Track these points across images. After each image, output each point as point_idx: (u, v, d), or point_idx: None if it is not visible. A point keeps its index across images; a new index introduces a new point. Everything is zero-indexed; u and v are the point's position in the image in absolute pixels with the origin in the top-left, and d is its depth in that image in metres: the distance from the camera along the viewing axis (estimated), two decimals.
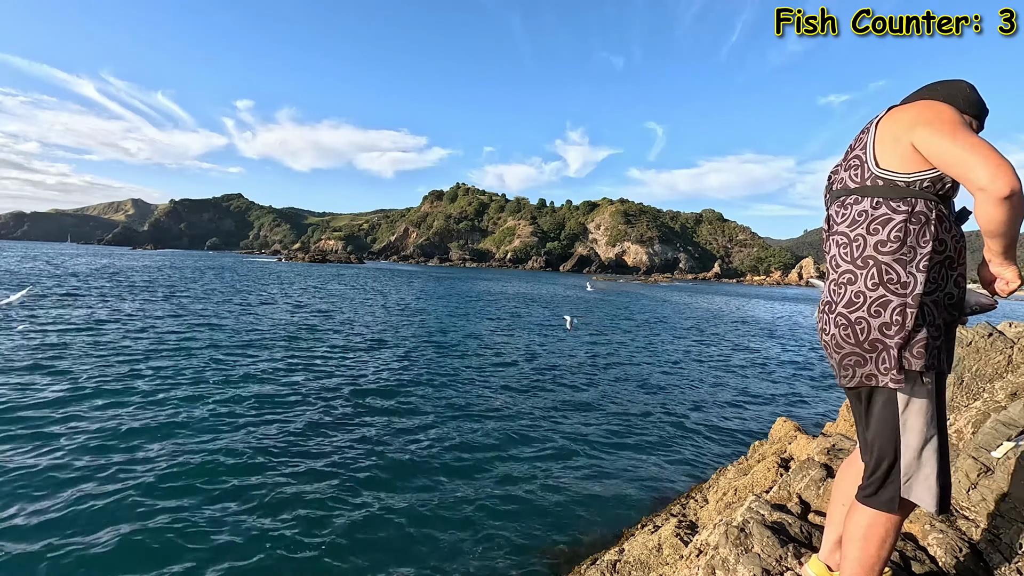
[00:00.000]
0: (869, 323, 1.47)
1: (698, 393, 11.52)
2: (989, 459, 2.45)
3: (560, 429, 8.39)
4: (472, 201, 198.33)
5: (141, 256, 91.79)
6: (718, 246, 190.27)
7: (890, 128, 1.48)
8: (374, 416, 8.40)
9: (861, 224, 1.50)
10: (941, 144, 1.33)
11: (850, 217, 1.54)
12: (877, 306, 1.46)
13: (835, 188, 1.64)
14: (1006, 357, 3.90)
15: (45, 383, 8.78)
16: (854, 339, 1.51)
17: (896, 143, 1.45)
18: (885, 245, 1.45)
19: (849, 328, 1.51)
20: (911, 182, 1.43)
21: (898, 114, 1.49)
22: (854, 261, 1.50)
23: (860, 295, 1.48)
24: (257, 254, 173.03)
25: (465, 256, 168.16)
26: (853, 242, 1.51)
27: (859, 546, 1.59)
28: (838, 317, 1.55)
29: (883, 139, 1.49)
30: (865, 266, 1.47)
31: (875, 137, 1.51)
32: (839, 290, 1.55)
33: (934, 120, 1.37)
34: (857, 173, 1.54)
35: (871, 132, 1.54)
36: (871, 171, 1.50)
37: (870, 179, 1.50)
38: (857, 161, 1.56)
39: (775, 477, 4.25)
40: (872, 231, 1.47)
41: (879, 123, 1.53)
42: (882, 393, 1.53)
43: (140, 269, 46.64)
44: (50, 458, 5.99)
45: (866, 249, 1.48)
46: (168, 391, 8.86)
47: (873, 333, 1.47)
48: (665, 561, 3.48)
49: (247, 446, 6.76)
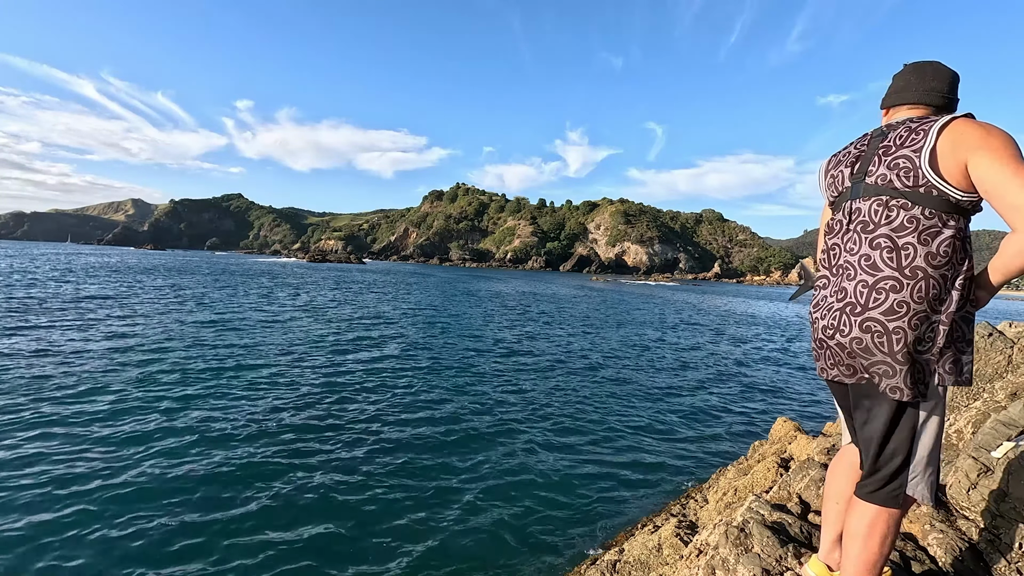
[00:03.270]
0: (906, 335, 1.45)
1: (698, 393, 11.51)
2: (989, 459, 2.45)
3: (559, 429, 8.38)
4: (472, 201, 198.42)
5: (144, 256, 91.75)
6: (718, 246, 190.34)
7: (953, 141, 1.42)
8: (374, 416, 8.40)
9: (911, 232, 1.46)
10: (1002, 175, 1.32)
11: (898, 221, 1.48)
12: (918, 319, 1.45)
13: (878, 183, 1.55)
14: (1006, 357, 3.90)
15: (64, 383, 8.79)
16: (888, 348, 1.48)
17: (955, 158, 1.41)
18: (935, 259, 1.43)
19: (885, 336, 1.48)
20: (962, 200, 1.42)
21: (966, 128, 1.42)
22: (901, 269, 1.46)
23: (903, 305, 1.45)
24: (258, 254, 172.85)
25: (465, 256, 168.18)
26: (901, 249, 1.46)
27: (861, 543, 1.59)
28: (871, 323, 1.50)
29: (944, 150, 1.43)
30: (914, 277, 1.44)
31: (935, 145, 1.45)
32: (878, 296, 1.49)
33: (1000, 148, 1.35)
34: (908, 176, 1.48)
35: (931, 137, 1.45)
36: (927, 179, 1.44)
37: (924, 187, 1.45)
38: (908, 163, 1.48)
39: (775, 477, 4.25)
40: (923, 241, 1.44)
41: (942, 131, 1.45)
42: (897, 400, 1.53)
43: (155, 269, 46.61)
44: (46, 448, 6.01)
45: (916, 259, 1.44)
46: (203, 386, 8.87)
47: (908, 345, 1.46)
48: (665, 561, 3.48)
49: (257, 444, 6.77)
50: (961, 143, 1.40)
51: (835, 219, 1.69)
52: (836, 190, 1.71)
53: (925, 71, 1.62)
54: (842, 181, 1.69)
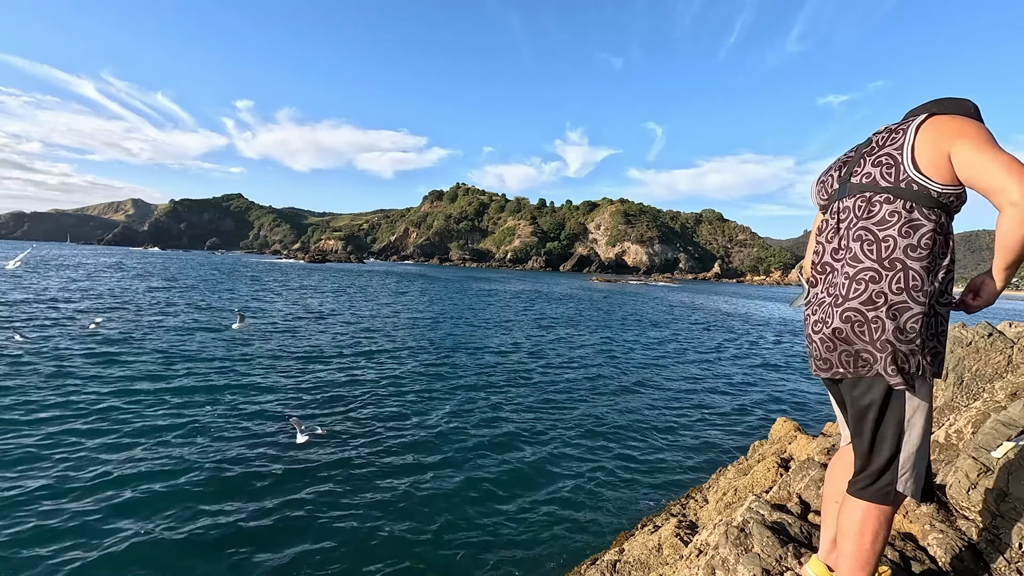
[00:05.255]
0: (884, 324, 1.49)
1: (698, 393, 11.51)
2: (989, 459, 2.44)
3: (560, 429, 8.38)
4: (472, 201, 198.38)
5: (144, 256, 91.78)
6: (718, 246, 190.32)
7: (932, 135, 1.48)
8: (375, 416, 8.40)
9: (893, 225, 1.50)
10: (982, 158, 1.37)
11: (879, 215, 1.53)
12: (895, 310, 1.48)
13: (863, 181, 1.60)
14: (1006, 357, 3.90)
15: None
16: (868, 337, 1.52)
17: (936, 151, 1.46)
18: (915, 251, 1.47)
19: (865, 326, 1.52)
20: (942, 193, 1.46)
21: (941, 123, 1.48)
22: (880, 261, 1.50)
23: (881, 295, 1.49)
24: (258, 254, 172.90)
25: (465, 256, 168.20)
26: (882, 242, 1.51)
27: (854, 540, 1.61)
28: (851, 312, 1.54)
29: (923, 145, 1.48)
30: (892, 268, 1.48)
31: (915, 141, 1.50)
32: (857, 287, 1.53)
33: (977, 136, 1.41)
34: (891, 172, 1.53)
35: (909, 134, 1.52)
36: (907, 174, 1.49)
37: (905, 181, 1.50)
38: (890, 160, 1.54)
39: (775, 477, 4.25)
40: (904, 234, 1.48)
41: (920, 127, 1.51)
42: (886, 391, 1.55)
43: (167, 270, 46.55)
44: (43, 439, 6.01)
45: (895, 251, 1.48)
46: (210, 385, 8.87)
47: (887, 335, 1.49)
48: (665, 561, 3.48)
49: (262, 445, 6.77)
50: (941, 136, 1.46)
51: (824, 220, 1.75)
52: (826, 193, 1.77)
53: (946, 99, 1.65)
54: (831, 184, 1.75)
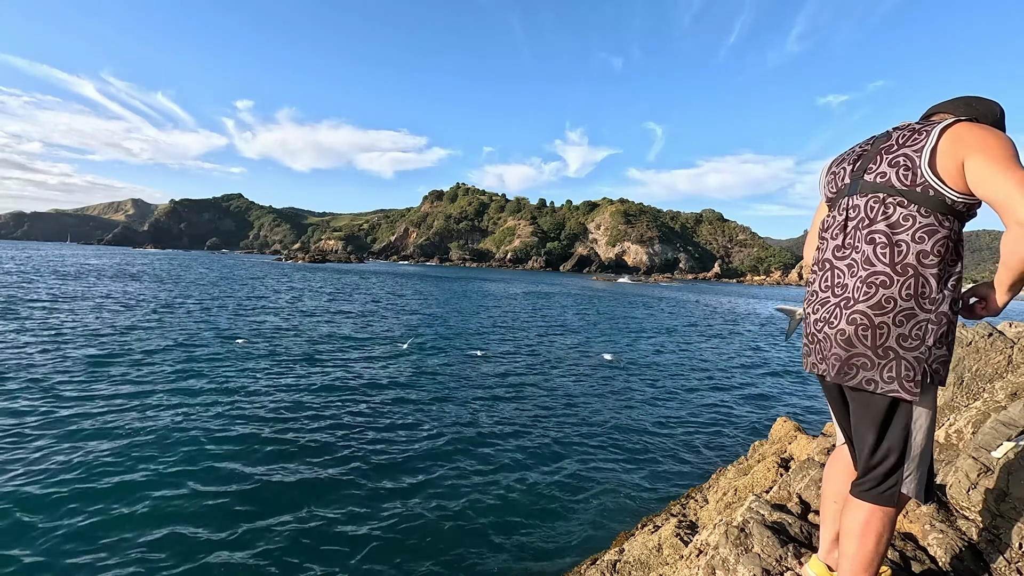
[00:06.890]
0: (890, 330, 1.47)
1: (698, 393, 11.51)
2: (989, 459, 2.44)
3: (560, 430, 8.38)
4: (472, 201, 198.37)
5: (143, 256, 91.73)
6: (718, 246, 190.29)
7: (953, 142, 1.44)
8: (374, 416, 8.40)
9: (906, 229, 1.47)
10: (995, 173, 1.34)
11: (894, 218, 1.49)
12: (903, 316, 1.46)
13: (876, 181, 1.56)
14: (1006, 357, 3.89)
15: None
16: (871, 341, 1.50)
17: (953, 159, 1.42)
18: (927, 257, 1.44)
19: (870, 330, 1.50)
20: (957, 201, 1.44)
21: (965, 131, 1.44)
22: (893, 265, 1.47)
23: (891, 301, 1.47)
24: (258, 254, 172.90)
25: (465, 256, 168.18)
26: (895, 245, 1.48)
27: (857, 542, 1.60)
28: (858, 315, 1.52)
29: (944, 151, 1.45)
30: (904, 274, 1.46)
31: (936, 146, 1.46)
32: (868, 290, 1.50)
33: (996, 149, 1.37)
34: (907, 175, 1.49)
35: (932, 138, 1.47)
36: (924, 178, 1.46)
37: (921, 186, 1.46)
38: (907, 162, 1.50)
39: (775, 477, 4.25)
40: (917, 239, 1.45)
41: (944, 132, 1.47)
42: (893, 398, 1.54)
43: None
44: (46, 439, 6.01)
45: (908, 256, 1.46)
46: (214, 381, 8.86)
47: (891, 341, 1.47)
48: (665, 561, 3.48)
49: (264, 443, 6.77)
50: (960, 144, 1.42)
51: (831, 215, 1.71)
52: (836, 186, 1.72)
53: (974, 99, 1.62)
54: (842, 178, 1.70)
